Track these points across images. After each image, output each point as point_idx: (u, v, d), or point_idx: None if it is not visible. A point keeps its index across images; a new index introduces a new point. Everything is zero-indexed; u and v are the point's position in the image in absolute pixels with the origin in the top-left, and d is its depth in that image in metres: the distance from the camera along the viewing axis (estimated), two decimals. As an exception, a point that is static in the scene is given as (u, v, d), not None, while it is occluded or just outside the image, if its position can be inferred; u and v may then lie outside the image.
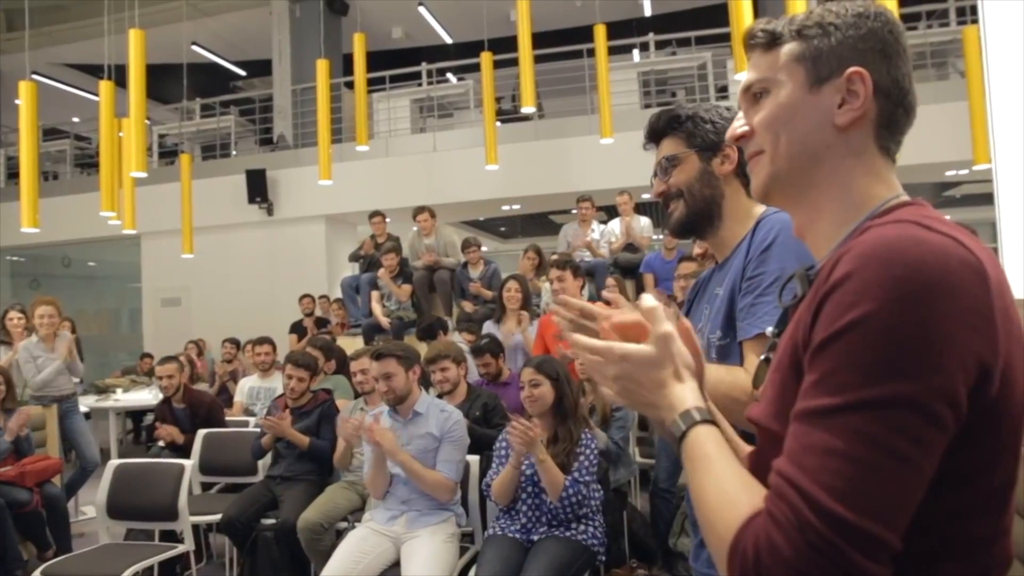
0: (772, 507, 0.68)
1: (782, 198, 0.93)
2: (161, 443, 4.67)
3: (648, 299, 0.90)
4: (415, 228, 7.35)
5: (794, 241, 0.96)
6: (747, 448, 0.93)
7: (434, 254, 7.07)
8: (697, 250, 2.16)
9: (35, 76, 7.04)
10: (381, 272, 6.93)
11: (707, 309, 1.44)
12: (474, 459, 3.42)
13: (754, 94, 0.92)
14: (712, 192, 1.41)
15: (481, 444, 3.52)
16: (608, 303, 1.30)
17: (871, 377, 0.66)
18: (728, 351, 1.35)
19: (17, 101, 6.57)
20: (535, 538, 2.96)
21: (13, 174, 11.78)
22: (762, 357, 1.01)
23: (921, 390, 0.66)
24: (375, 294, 7.01)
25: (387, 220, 7.68)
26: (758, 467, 0.77)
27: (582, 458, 2.97)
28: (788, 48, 0.88)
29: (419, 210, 7.26)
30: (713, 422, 0.82)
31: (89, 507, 5.56)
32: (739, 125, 0.94)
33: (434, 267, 7.07)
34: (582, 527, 2.99)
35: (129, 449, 7.97)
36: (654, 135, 1.48)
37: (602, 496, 3.11)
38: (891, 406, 0.66)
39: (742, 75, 4.41)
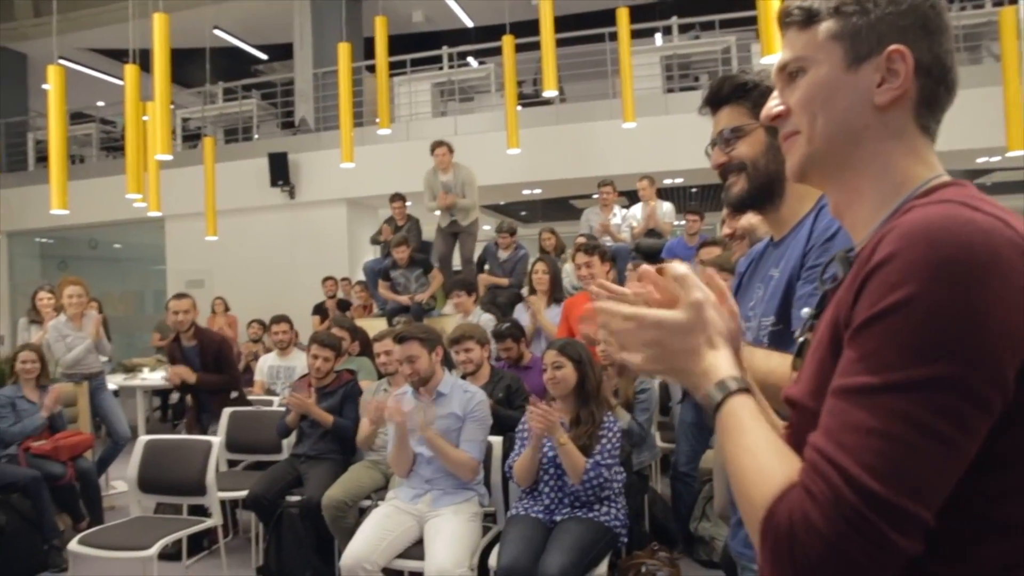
0: (808, 482, 0.68)
1: (819, 179, 0.91)
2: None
3: (678, 266, 0.91)
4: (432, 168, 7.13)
5: None
6: (780, 422, 0.94)
7: (451, 195, 6.90)
8: (726, 230, 2.12)
9: (61, 61, 7.12)
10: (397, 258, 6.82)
11: (760, 290, 1.41)
12: (497, 440, 3.46)
13: (789, 73, 0.90)
14: (778, 168, 1.34)
15: (504, 426, 3.55)
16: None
17: (915, 358, 0.66)
18: (781, 338, 1.31)
19: (45, 86, 6.66)
20: (557, 519, 2.99)
21: (41, 158, 11.95)
22: (800, 339, 1.01)
23: (966, 372, 0.66)
24: (387, 284, 6.87)
25: (408, 203, 7.69)
26: (792, 444, 0.77)
27: (604, 440, 3.00)
28: (825, 26, 0.86)
29: (437, 144, 7.02)
30: (748, 391, 0.82)
31: (119, 482, 5.69)
32: (774, 104, 0.92)
33: (451, 210, 6.92)
34: (604, 509, 3.02)
35: (156, 427, 8.12)
36: (715, 102, 1.43)
37: (624, 478, 3.14)
38: (934, 387, 0.66)
39: (770, 58, 4.37)
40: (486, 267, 7.15)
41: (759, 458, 0.75)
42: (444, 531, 3.00)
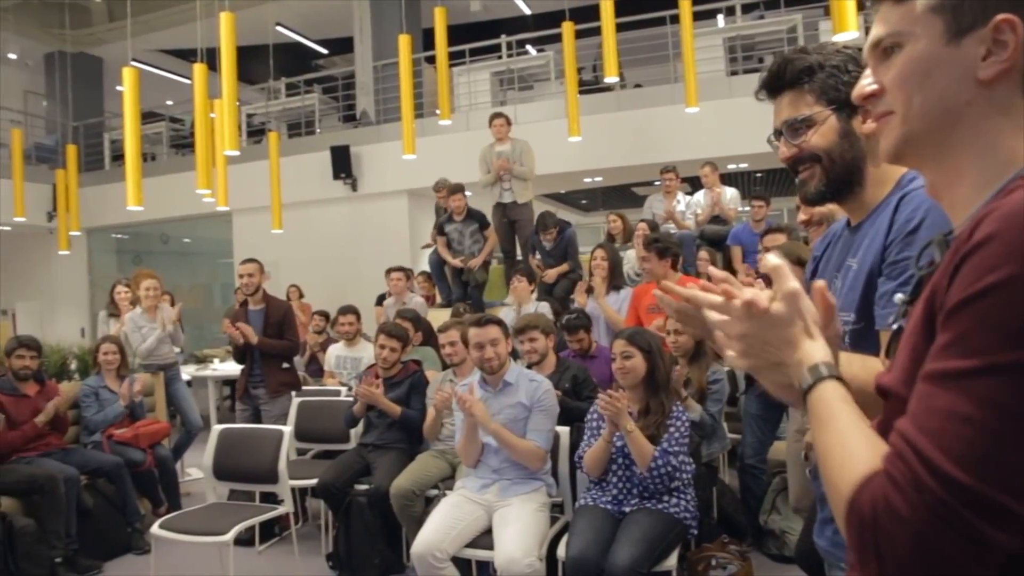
0: (890, 467, 0.66)
1: (915, 160, 0.87)
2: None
3: (772, 257, 0.87)
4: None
5: (944, 222, 0.90)
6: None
7: (506, 160, 6.85)
8: (802, 216, 2.03)
9: (134, 63, 7.38)
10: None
11: (838, 282, 1.33)
12: (564, 430, 3.43)
13: (884, 50, 0.85)
14: (855, 155, 1.26)
15: (571, 416, 3.52)
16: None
17: (1009, 341, 0.62)
18: (864, 337, 1.24)
19: (119, 87, 6.92)
20: (626, 510, 2.95)
21: (116, 156, 12.42)
22: (894, 326, 0.96)
23: None
24: (442, 240, 6.77)
25: (467, 194, 7.65)
26: (884, 435, 0.74)
27: (672, 430, 2.94)
28: None
29: (496, 115, 7.04)
30: (840, 378, 0.81)
31: (194, 469, 5.88)
32: (867, 83, 0.88)
33: (506, 176, 6.84)
34: (674, 500, 2.96)
35: (226, 416, 8.35)
36: (776, 86, 1.31)
37: (694, 470, 3.07)
38: None
39: (843, 36, 4.20)
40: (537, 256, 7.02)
41: (846, 443, 0.74)
42: (512, 521, 3.00)
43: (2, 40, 12.02)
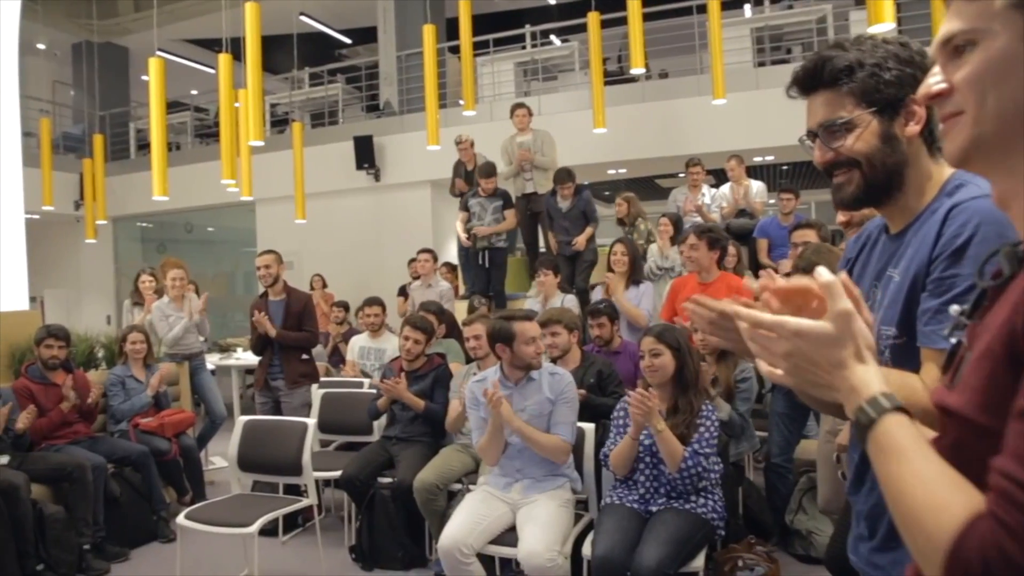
0: (1002, 513, 0.61)
1: (983, 164, 0.81)
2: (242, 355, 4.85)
3: (824, 272, 0.83)
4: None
5: (996, 237, 0.84)
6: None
7: (527, 151, 6.78)
8: (841, 218, 1.96)
9: (159, 52, 7.43)
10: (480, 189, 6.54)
11: (877, 292, 1.26)
12: (589, 427, 3.39)
13: (956, 47, 0.79)
14: (896, 159, 1.18)
15: (596, 413, 3.49)
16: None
17: None
18: (906, 353, 1.17)
19: (144, 77, 6.96)
20: (653, 509, 2.91)
21: (142, 146, 12.53)
22: (953, 340, 0.91)
23: None
24: (463, 215, 6.64)
25: (472, 143, 7.40)
26: (956, 460, 0.70)
27: (702, 429, 2.90)
28: None
29: (517, 105, 7.00)
30: (904, 409, 0.77)
31: (218, 457, 5.93)
32: (935, 82, 0.82)
33: (526, 169, 6.77)
34: (701, 500, 2.92)
35: (249, 404, 8.41)
36: (810, 85, 1.22)
37: (722, 469, 3.03)
38: None
39: (879, 27, 4.10)
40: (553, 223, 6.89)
41: (932, 487, 0.69)
42: (536, 517, 2.97)
43: (31, 31, 12.12)
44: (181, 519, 3.36)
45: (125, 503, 4.26)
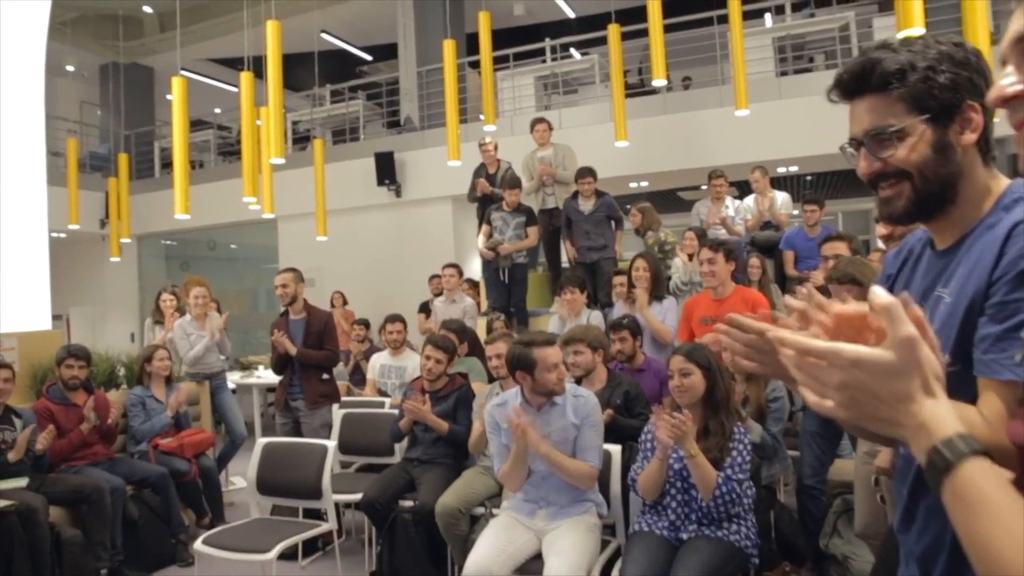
0: None
1: None
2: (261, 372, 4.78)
3: (880, 292, 0.74)
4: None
5: None
6: None
7: (548, 165, 6.73)
8: (882, 231, 1.84)
9: (183, 72, 7.49)
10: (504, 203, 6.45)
11: (925, 313, 1.17)
12: (615, 449, 3.28)
13: None
14: (949, 170, 1.08)
15: (623, 434, 3.38)
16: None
17: None
18: (961, 382, 1.04)
19: (168, 96, 7.02)
20: (684, 536, 2.80)
21: (166, 164, 12.66)
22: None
23: None
24: (485, 228, 6.53)
25: (496, 147, 7.29)
26: None
27: (735, 453, 2.78)
28: None
29: (537, 120, 6.95)
30: (986, 452, 0.69)
31: (238, 478, 5.88)
32: (1009, 83, 0.75)
33: (547, 184, 6.72)
34: (734, 527, 2.80)
35: (270, 423, 8.39)
36: (855, 89, 1.11)
37: (755, 494, 2.91)
38: None
39: (911, 32, 3.98)
40: (568, 242, 6.74)
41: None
42: (561, 544, 2.87)
43: (60, 53, 12.35)
44: (199, 545, 3.30)
45: (143, 526, 4.21)
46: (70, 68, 13.62)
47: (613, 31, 7.04)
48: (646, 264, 4.94)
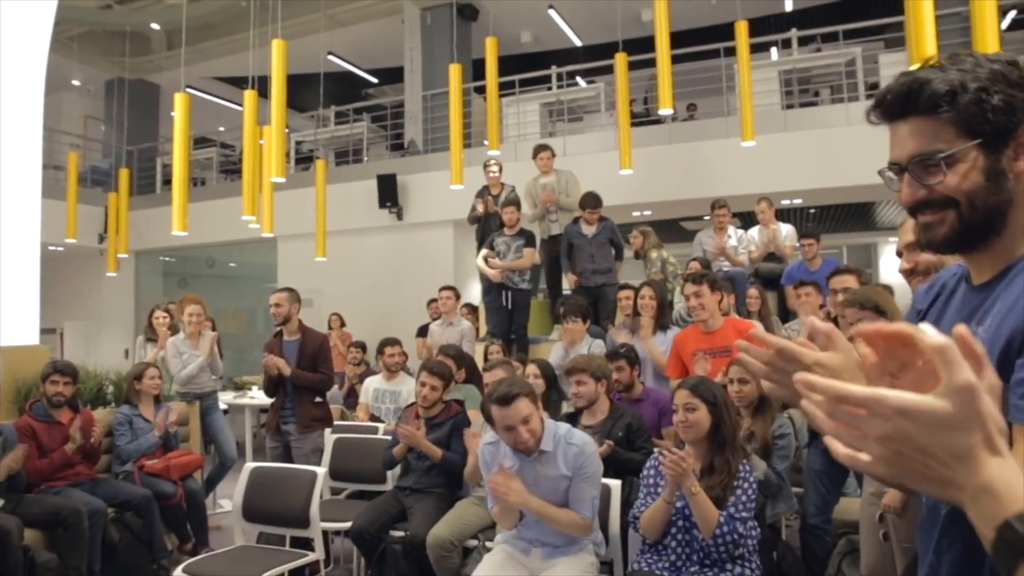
0: None
1: None
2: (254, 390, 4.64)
3: (930, 330, 0.64)
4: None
5: None
6: None
7: (552, 192, 6.68)
8: (905, 265, 1.74)
9: (188, 89, 7.47)
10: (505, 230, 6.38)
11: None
12: (615, 484, 3.16)
13: None
14: (1000, 199, 0.99)
15: (623, 468, 3.26)
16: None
17: None
18: None
19: (173, 113, 7.00)
20: (686, 578, 2.68)
21: (168, 181, 12.63)
22: None
23: None
24: (486, 251, 6.44)
25: (500, 169, 7.23)
26: None
27: (739, 492, 2.67)
28: None
29: (540, 148, 6.90)
30: None
31: (226, 500, 5.74)
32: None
33: (553, 209, 6.70)
34: (738, 569, 2.68)
35: (261, 444, 8.24)
36: (900, 111, 1.03)
37: (759, 535, 2.79)
38: None
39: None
40: (568, 272, 6.68)
41: None
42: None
43: (66, 67, 12.38)
44: (179, 572, 3.16)
45: (124, 550, 4.05)
46: (76, 83, 13.64)
47: (620, 59, 7.03)
48: (652, 292, 4.82)
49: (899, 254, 1.85)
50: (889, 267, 13.89)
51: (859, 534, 3.30)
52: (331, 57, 12.49)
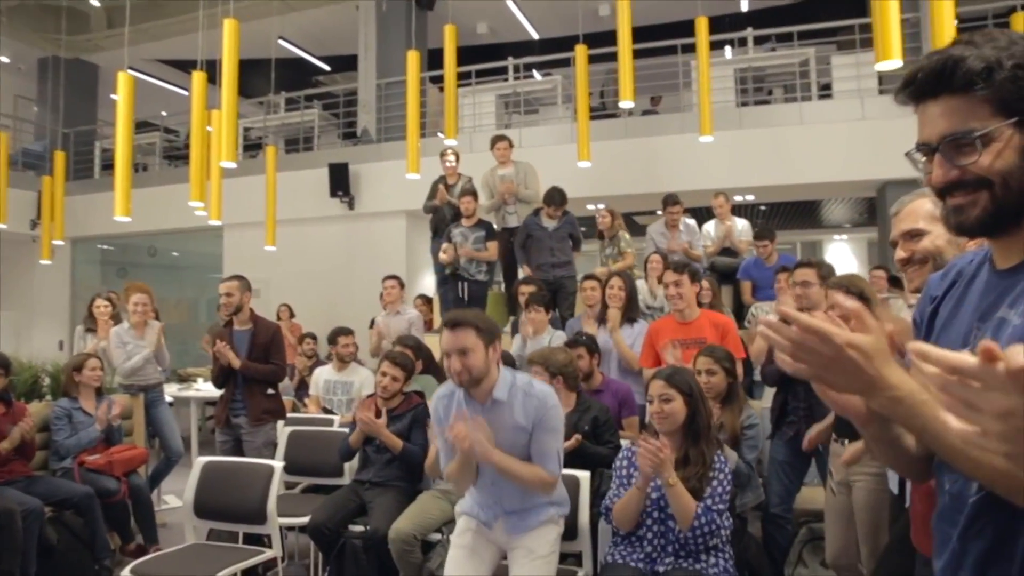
0: None
1: None
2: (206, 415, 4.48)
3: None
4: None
5: None
6: None
7: (511, 183, 6.62)
8: (901, 254, 1.72)
9: (130, 71, 7.12)
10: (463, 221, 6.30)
11: (982, 334, 1.03)
12: (584, 475, 3.11)
13: None
14: None
15: (591, 462, 3.21)
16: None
17: None
18: None
19: (113, 96, 6.67)
20: (660, 569, 2.64)
21: (107, 166, 12.11)
22: None
23: None
24: (445, 245, 6.34)
25: (457, 158, 7.12)
26: None
27: (715, 483, 2.65)
28: None
29: (498, 138, 6.84)
30: None
31: (171, 496, 5.51)
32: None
33: (511, 200, 6.63)
34: (712, 559, 2.65)
35: (208, 438, 7.98)
36: (931, 90, 1.00)
37: (731, 525, 2.77)
38: None
39: (885, 64, 3.98)
40: (524, 265, 6.58)
41: None
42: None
43: (-4, 43, 11.77)
44: (127, 573, 2.98)
45: (63, 552, 3.82)
46: (4, 60, 12.95)
47: (580, 52, 6.98)
48: (622, 283, 4.73)
49: (893, 244, 1.84)
50: (834, 263, 14.27)
51: (823, 522, 3.34)
52: (282, 42, 12.15)
